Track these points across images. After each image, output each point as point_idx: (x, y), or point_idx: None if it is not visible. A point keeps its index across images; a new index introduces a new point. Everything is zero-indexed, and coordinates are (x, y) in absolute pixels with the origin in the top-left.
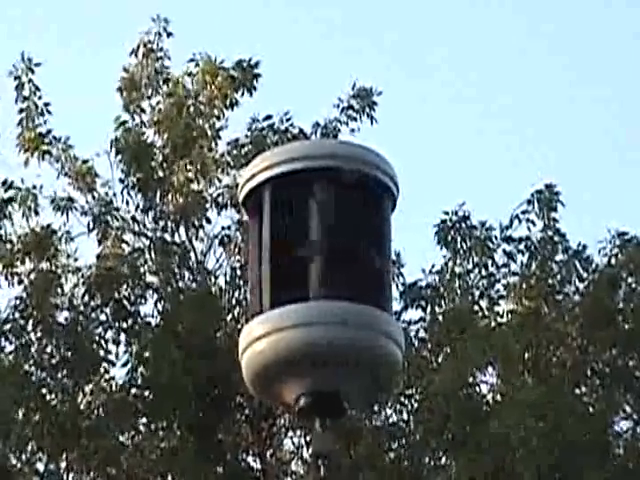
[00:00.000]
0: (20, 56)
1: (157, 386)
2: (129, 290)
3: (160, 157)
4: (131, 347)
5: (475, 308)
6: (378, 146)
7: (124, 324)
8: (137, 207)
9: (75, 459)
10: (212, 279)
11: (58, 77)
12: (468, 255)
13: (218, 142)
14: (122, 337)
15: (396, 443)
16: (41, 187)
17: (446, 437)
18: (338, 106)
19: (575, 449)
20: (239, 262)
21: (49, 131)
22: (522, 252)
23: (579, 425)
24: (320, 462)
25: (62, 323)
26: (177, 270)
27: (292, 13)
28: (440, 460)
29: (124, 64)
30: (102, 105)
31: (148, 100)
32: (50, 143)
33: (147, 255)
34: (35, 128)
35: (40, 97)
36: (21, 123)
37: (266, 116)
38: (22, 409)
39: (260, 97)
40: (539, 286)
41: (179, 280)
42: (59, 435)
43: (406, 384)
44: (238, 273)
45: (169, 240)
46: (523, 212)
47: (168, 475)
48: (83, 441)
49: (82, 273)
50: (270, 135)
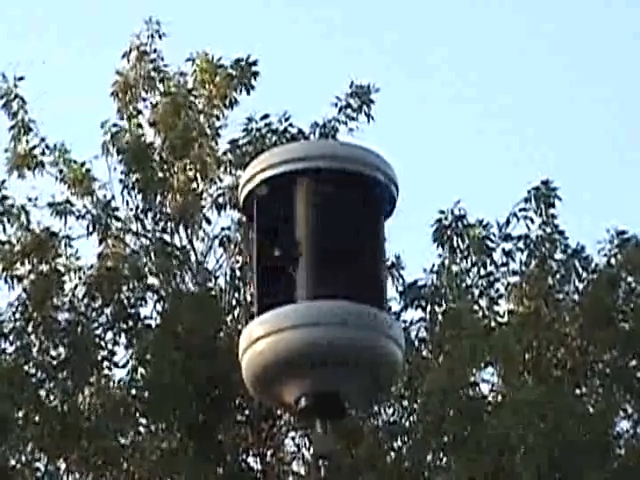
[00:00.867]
0: (1, 76)
1: (157, 387)
2: (129, 292)
3: (159, 157)
4: (131, 348)
5: (475, 308)
6: (378, 146)
7: (124, 325)
8: (137, 208)
9: (75, 460)
10: (212, 280)
11: (58, 77)
12: (466, 254)
13: (218, 142)
14: (122, 338)
15: (397, 443)
16: (36, 199)
17: (447, 437)
18: (336, 105)
19: (575, 449)
20: (239, 263)
21: (42, 139)
22: (521, 250)
23: (579, 425)
24: (321, 463)
25: (62, 324)
26: (177, 271)
27: (292, 13)
28: (441, 460)
29: (117, 67)
30: (102, 105)
31: (143, 102)
32: (43, 153)
33: (147, 257)
34: (26, 144)
35: (26, 112)
36: (13, 139)
37: (263, 115)
38: (22, 410)
39: (260, 97)
40: (539, 285)
41: (179, 281)
42: (59, 436)
43: (406, 384)
44: (238, 274)
45: (169, 241)
46: (521, 210)
47: (168, 476)
48: (83, 442)
49: (83, 272)
50: (269, 135)
